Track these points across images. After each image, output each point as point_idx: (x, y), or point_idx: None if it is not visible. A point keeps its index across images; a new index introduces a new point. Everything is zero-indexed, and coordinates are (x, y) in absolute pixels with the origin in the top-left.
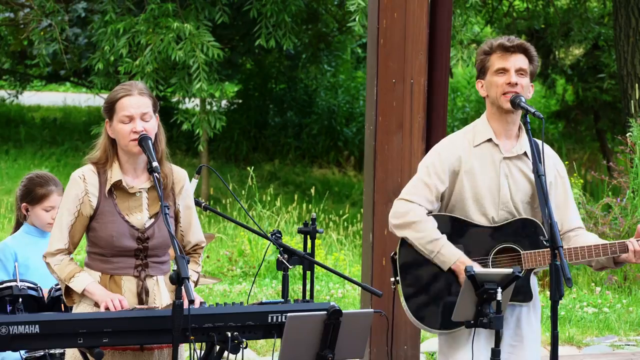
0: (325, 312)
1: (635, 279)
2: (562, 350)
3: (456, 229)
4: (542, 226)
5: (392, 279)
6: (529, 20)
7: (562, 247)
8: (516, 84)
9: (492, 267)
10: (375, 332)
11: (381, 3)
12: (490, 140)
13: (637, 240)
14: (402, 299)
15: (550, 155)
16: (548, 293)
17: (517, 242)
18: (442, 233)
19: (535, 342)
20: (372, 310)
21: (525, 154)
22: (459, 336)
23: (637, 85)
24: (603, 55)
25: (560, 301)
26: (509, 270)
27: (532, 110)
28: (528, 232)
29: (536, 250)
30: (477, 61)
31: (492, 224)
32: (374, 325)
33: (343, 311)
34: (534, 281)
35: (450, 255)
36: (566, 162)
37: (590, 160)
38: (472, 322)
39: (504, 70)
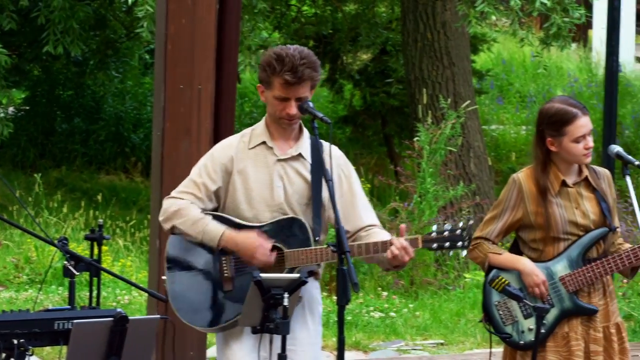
0: (112, 318)
1: (421, 283)
2: (349, 355)
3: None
4: (306, 225)
5: (164, 277)
6: (317, 26)
7: (349, 252)
8: (294, 115)
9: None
10: (161, 338)
11: (169, 9)
12: (264, 142)
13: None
14: (169, 296)
15: (335, 156)
16: (335, 298)
17: (282, 241)
18: None
19: (311, 345)
20: (158, 316)
21: (301, 155)
22: (232, 332)
23: (424, 90)
24: (391, 60)
25: (346, 306)
26: (296, 275)
27: (320, 115)
28: (294, 231)
29: (299, 249)
30: (262, 66)
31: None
32: (160, 331)
33: (129, 317)
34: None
35: (216, 231)
36: (354, 167)
37: (377, 165)
38: (258, 327)
39: (284, 99)
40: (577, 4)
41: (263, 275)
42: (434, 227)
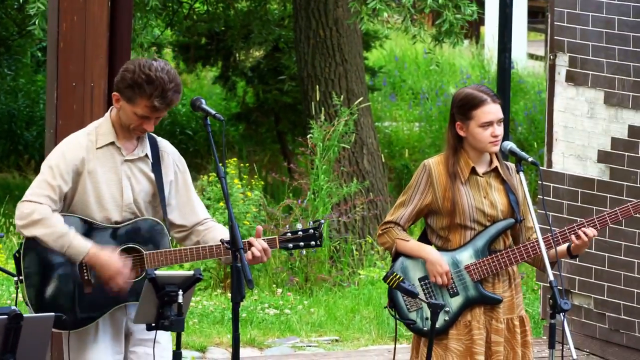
0: (6, 316)
1: (316, 280)
2: (244, 352)
3: (81, 229)
4: (164, 225)
5: (16, 279)
6: (210, 23)
7: (242, 249)
8: (151, 130)
9: None
10: (56, 337)
11: (61, 6)
12: (112, 143)
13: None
14: (26, 298)
15: (169, 152)
16: (229, 295)
17: (139, 242)
18: None
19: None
20: (52, 314)
21: (147, 156)
22: (87, 334)
23: (317, 87)
24: (284, 57)
25: (241, 303)
26: (190, 273)
27: (213, 112)
28: (152, 232)
29: (158, 250)
30: (129, 84)
31: (114, 225)
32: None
33: (24, 315)
34: None
35: (82, 247)
36: (247, 165)
37: (270, 162)
38: (153, 324)
39: (146, 118)
40: (469, 1)
41: (157, 272)
42: (288, 227)
